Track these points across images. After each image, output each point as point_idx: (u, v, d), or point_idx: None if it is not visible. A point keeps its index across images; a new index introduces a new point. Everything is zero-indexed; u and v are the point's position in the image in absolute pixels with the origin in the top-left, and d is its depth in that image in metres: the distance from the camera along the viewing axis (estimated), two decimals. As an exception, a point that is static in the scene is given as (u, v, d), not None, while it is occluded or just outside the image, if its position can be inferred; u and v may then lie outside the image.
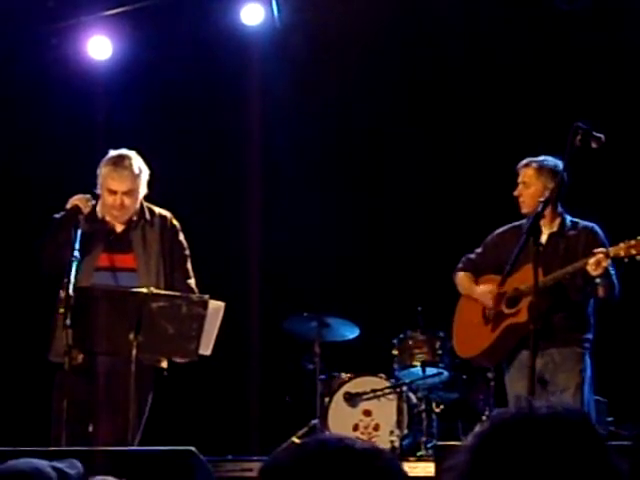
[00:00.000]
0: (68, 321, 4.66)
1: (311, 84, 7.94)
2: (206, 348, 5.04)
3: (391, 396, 6.86)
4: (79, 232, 4.96)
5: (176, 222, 5.57)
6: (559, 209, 5.61)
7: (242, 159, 8.22)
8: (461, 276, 5.86)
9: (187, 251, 5.55)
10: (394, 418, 6.77)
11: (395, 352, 6.99)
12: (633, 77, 7.45)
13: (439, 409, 6.90)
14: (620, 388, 6.68)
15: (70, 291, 4.70)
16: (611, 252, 5.16)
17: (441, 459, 4.80)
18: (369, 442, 1.74)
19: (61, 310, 4.70)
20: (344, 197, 8.13)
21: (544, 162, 5.60)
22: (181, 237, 5.55)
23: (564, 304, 5.44)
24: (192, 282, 5.47)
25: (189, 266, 5.52)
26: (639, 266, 5.11)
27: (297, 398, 7.39)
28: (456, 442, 5.62)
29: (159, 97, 7.94)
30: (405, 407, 6.82)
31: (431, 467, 5.65)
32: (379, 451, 1.68)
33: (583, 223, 5.64)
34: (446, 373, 6.90)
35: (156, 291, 5.07)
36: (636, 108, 7.41)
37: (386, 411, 6.82)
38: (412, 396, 6.92)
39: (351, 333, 7.19)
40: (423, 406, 6.88)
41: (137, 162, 5.41)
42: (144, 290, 5.01)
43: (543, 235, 5.15)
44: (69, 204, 5.16)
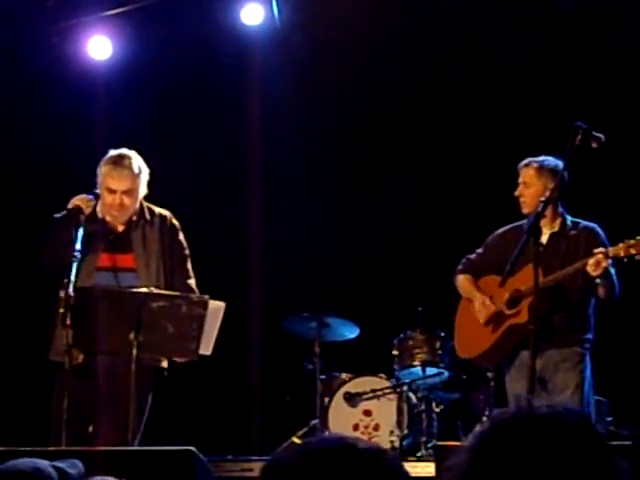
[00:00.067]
0: (68, 321, 4.66)
1: (311, 84, 7.93)
2: (206, 348, 5.04)
3: (391, 396, 6.86)
4: (80, 232, 4.96)
5: (176, 222, 5.57)
6: (560, 209, 5.61)
7: (242, 159, 8.21)
8: (461, 279, 5.84)
9: (187, 251, 5.54)
10: (394, 418, 6.77)
11: (395, 352, 6.99)
12: (633, 77, 7.45)
13: (439, 409, 6.90)
14: (620, 388, 6.68)
15: (70, 291, 4.70)
16: (610, 252, 5.16)
17: (441, 459, 4.80)
18: (371, 442, 1.74)
19: (61, 310, 4.70)
20: (344, 197, 8.13)
21: (544, 162, 5.59)
22: (181, 237, 5.55)
23: (564, 304, 5.44)
24: (192, 282, 5.47)
25: (189, 266, 5.52)
26: (639, 266, 5.11)
27: (297, 398, 7.39)
28: (456, 442, 5.63)
29: (159, 97, 7.94)
30: (405, 407, 6.82)
31: (431, 467, 5.64)
32: (382, 451, 1.68)
33: (584, 223, 5.63)
34: (446, 373, 6.90)
35: (156, 291, 5.08)
36: (636, 108, 7.41)
37: (386, 411, 6.82)
38: (412, 396, 6.92)
39: (351, 333, 7.18)
40: (423, 406, 6.88)
41: (137, 162, 5.40)
42: (144, 290, 5.01)
43: (544, 235, 5.15)
44: (71, 204, 5.15)
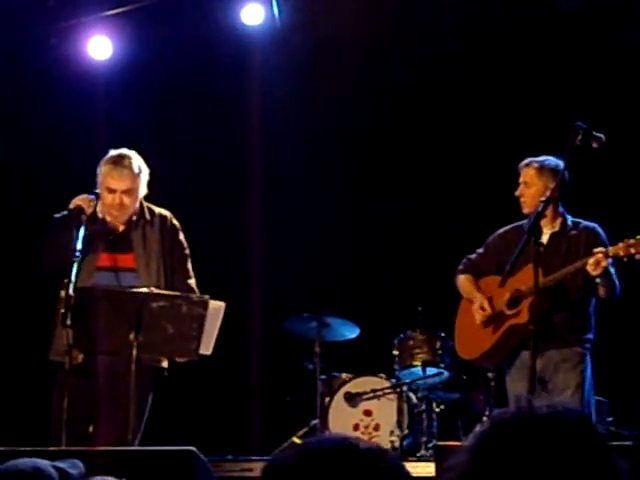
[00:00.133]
0: (68, 321, 4.66)
1: (311, 84, 7.93)
2: (206, 348, 5.04)
3: (391, 396, 6.86)
4: (82, 232, 4.96)
5: (176, 222, 5.57)
6: (560, 209, 5.61)
7: (242, 159, 8.21)
8: (462, 279, 5.84)
9: (187, 251, 5.54)
10: (394, 418, 6.76)
11: (395, 352, 6.99)
12: (633, 77, 7.45)
13: (439, 409, 6.90)
14: (620, 388, 6.68)
15: (70, 291, 4.70)
16: (610, 252, 5.16)
17: (441, 459, 4.80)
18: (373, 442, 1.74)
19: (61, 310, 4.70)
20: (344, 197, 8.12)
21: (545, 162, 5.59)
22: (181, 237, 5.55)
23: (565, 304, 5.44)
24: (192, 282, 5.47)
25: (189, 266, 5.52)
26: (639, 266, 5.11)
27: (297, 398, 7.39)
28: (456, 442, 5.63)
29: (159, 97, 7.94)
30: (405, 407, 6.81)
31: (431, 467, 5.64)
32: (383, 451, 1.68)
33: (584, 223, 5.63)
34: (446, 373, 6.90)
35: (156, 291, 5.08)
36: (636, 108, 7.40)
37: (386, 411, 6.82)
38: (412, 396, 6.92)
39: (351, 333, 7.18)
40: (423, 406, 6.88)
41: (137, 161, 5.40)
42: (144, 290, 5.01)
43: (544, 235, 5.15)
44: (72, 204, 5.15)
